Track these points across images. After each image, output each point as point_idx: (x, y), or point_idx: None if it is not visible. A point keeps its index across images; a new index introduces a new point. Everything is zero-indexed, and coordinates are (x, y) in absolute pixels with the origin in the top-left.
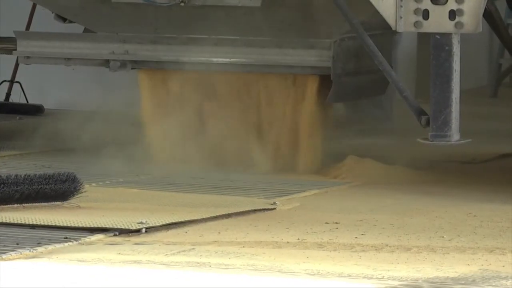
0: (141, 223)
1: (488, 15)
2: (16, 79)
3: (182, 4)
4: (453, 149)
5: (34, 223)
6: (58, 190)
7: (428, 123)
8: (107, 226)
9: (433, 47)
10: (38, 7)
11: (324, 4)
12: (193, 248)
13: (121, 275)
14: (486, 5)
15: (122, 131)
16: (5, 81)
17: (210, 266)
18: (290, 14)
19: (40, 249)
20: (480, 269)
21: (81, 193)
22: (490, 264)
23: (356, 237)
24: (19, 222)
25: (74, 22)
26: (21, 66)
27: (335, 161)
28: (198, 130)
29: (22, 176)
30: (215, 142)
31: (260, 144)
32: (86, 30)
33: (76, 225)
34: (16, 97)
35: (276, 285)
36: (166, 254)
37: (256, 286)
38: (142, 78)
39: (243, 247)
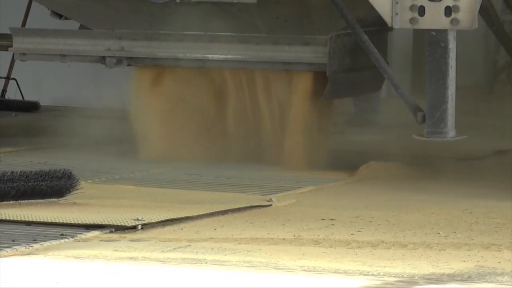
0: (137, 219)
1: (484, 11)
2: (12, 76)
3: (177, 0)
4: (448, 145)
5: (30, 219)
6: (54, 187)
7: (424, 120)
8: (103, 223)
9: (429, 43)
10: (34, 4)
11: (320, 0)
12: (189, 245)
13: (117, 272)
14: (482, 1)
15: (117, 127)
16: (0, 77)
17: (206, 263)
18: (286, 10)
19: (36, 245)
20: (476, 266)
21: (77, 189)
22: (486, 260)
23: (352, 234)
24: (15, 219)
25: (70, 19)
26: (17, 62)
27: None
28: (193, 127)
29: (18, 173)
30: (211, 138)
31: (257, 141)
32: (81, 27)
33: (72, 222)
34: (12, 94)
35: (272, 282)
36: (162, 251)
37: (252, 283)
38: (137, 74)
39: (239, 243)
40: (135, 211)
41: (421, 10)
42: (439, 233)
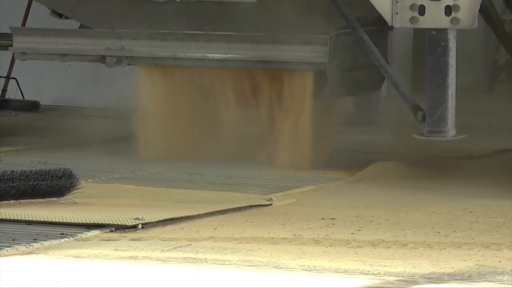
0: (138, 219)
1: (484, 10)
2: (12, 75)
3: (177, 0)
4: (448, 144)
5: (30, 219)
6: (54, 186)
7: (424, 119)
8: (104, 222)
9: (429, 42)
10: (34, 3)
11: (320, 0)
12: (190, 244)
13: (117, 271)
14: (482, 0)
15: (117, 127)
16: (1, 77)
17: (206, 262)
18: (286, 10)
19: (36, 245)
20: (476, 265)
21: (77, 189)
22: (486, 259)
23: (352, 233)
24: (15, 218)
25: (70, 18)
26: (17, 62)
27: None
28: (194, 126)
29: (18, 172)
30: (213, 137)
31: (258, 140)
32: (82, 26)
33: (73, 221)
34: (12, 93)
35: (272, 281)
36: (163, 250)
37: (252, 282)
38: (139, 74)
39: (239, 243)
40: (135, 211)
41: (421, 9)
42: (439, 232)
